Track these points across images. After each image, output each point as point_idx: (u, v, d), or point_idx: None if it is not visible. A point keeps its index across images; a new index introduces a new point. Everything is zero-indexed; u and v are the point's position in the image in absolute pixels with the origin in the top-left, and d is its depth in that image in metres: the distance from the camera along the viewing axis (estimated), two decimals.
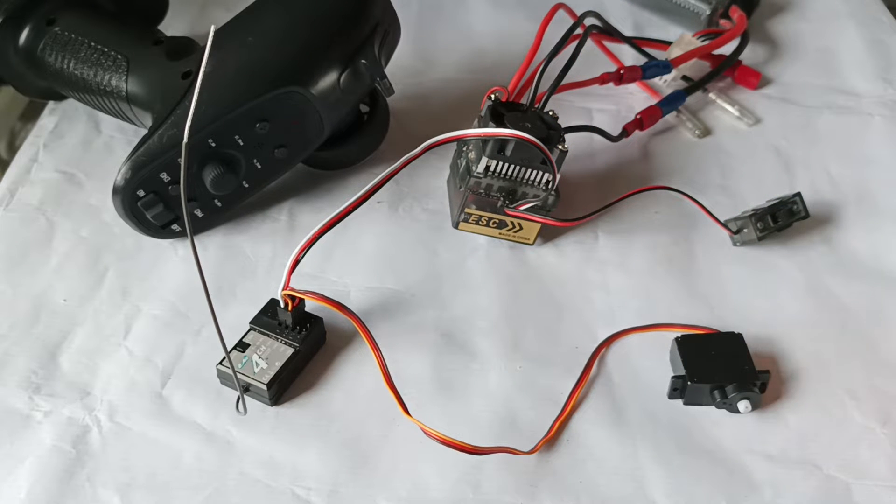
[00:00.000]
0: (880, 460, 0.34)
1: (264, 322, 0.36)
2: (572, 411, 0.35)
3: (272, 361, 0.35)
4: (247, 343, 0.36)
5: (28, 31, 0.44)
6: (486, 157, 0.37)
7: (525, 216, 0.39)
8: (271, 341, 0.36)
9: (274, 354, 0.35)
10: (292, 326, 0.36)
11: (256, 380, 0.34)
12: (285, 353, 0.35)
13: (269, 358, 0.35)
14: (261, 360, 0.35)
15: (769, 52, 0.54)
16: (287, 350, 0.35)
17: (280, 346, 0.35)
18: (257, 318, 0.36)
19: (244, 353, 0.35)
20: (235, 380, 0.32)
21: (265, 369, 0.34)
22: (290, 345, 0.35)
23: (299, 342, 0.35)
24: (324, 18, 0.41)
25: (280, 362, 0.35)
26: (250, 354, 0.35)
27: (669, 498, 0.32)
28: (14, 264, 0.42)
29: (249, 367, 0.35)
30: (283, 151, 0.41)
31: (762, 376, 0.35)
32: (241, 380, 0.34)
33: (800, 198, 0.41)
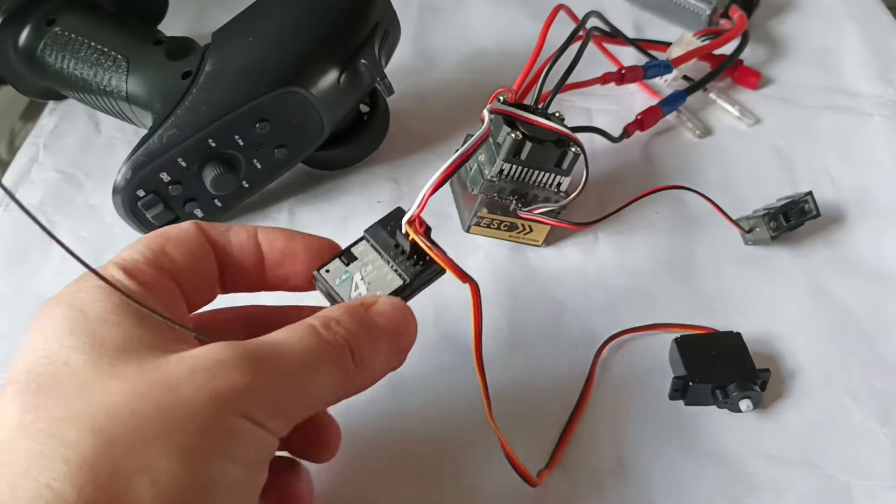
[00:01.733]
0: (880, 460, 0.34)
1: (381, 237, 0.30)
2: (572, 434, 0.35)
3: (374, 289, 0.29)
4: (354, 255, 0.29)
5: (28, 31, 0.44)
6: (500, 161, 0.37)
7: (539, 219, 0.39)
8: (381, 263, 0.29)
9: (378, 281, 0.29)
10: (409, 254, 0.29)
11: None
12: (392, 284, 0.29)
13: (371, 284, 0.29)
14: (362, 282, 0.29)
15: (769, 52, 0.54)
16: (395, 281, 0.29)
17: (389, 272, 0.29)
18: (374, 230, 0.30)
19: (348, 266, 0.29)
20: (329, 295, 0.29)
21: (363, 296, 0.29)
22: (400, 275, 0.29)
23: (412, 276, 0.29)
24: (324, 18, 0.41)
25: (382, 292, 0.29)
26: (353, 272, 0.29)
27: (670, 498, 0.32)
28: (14, 264, 0.42)
29: (347, 287, 0.29)
30: (283, 151, 0.41)
31: (763, 375, 0.35)
32: (337, 296, 0.29)
33: (811, 197, 0.41)
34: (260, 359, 0.23)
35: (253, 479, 0.22)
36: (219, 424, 0.21)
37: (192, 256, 0.27)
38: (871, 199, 0.45)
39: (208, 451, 0.21)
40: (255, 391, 0.22)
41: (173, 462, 0.20)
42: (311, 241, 0.29)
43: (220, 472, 0.21)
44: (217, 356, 0.22)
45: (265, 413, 0.22)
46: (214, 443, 0.21)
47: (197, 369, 0.22)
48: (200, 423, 0.21)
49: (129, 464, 0.20)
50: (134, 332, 0.23)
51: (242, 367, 0.22)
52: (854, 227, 0.43)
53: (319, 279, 0.29)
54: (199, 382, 0.21)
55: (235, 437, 0.21)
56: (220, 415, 0.21)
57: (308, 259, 0.29)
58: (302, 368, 0.23)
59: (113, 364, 0.22)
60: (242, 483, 0.22)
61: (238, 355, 0.22)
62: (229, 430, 0.21)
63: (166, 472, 0.20)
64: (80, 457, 0.19)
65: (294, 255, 0.29)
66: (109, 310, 0.23)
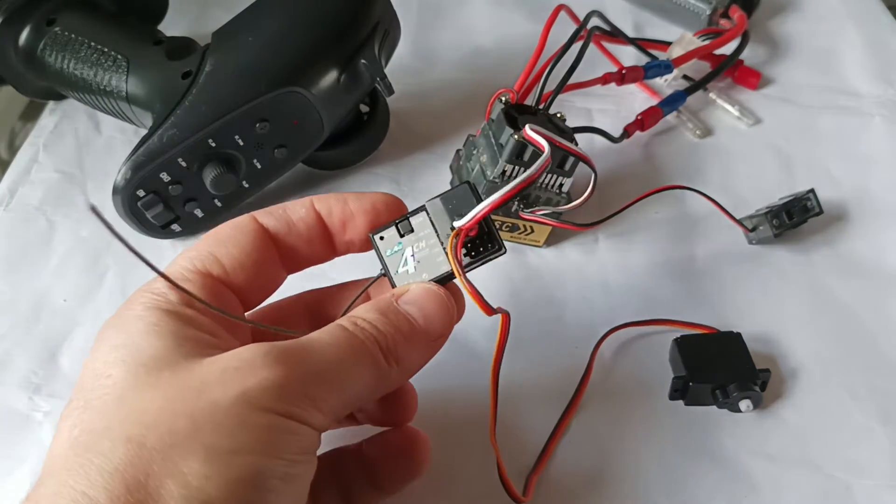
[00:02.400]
0: (880, 460, 0.34)
1: (440, 216, 0.28)
2: (564, 432, 0.35)
3: (421, 270, 0.28)
4: (411, 227, 0.28)
5: (28, 31, 0.44)
6: (503, 162, 0.37)
7: (541, 220, 0.39)
8: (435, 242, 0.28)
9: (428, 261, 0.28)
10: (465, 243, 0.28)
11: (395, 281, 0.28)
12: (440, 268, 0.28)
13: (420, 262, 0.28)
14: (412, 259, 0.28)
15: (769, 52, 0.54)
16: (444, 265, 0.28)
17: (440, 254, 0.28)
18: (435, 205, 0.28)
19: (402, 238, 0.28)
20: (380, 259, 0.28)
21: (409, 274, 0.28)
22: (450, 261, 0.27)
23: (463, 265, 0.28)
24: (324, 18, 0.41)
25: (429, 275, 0.28)
26: (406, 244, 0.28)
27: (670, 498, 0.32)
28: (14, 264, 0.42)
29: (396, 261, 0.28)
30: (283, 151, 0.41)
31: (763, 375, 0.35)
32: (385, 266, 0.28)
33: (813, 194, 0.41)
34: (289, 356, 0.23)
35: (295, 472, 0.22)
36: (249, 422, 0.21)
37: (244, 253, 0.27)
38: (871, 199, 0.45)
39: (238, 448, 0.21)
40: (285, 387, 0.22)
41: (201, 463, 0.20)
42: (365, 200, 0.29)
43: (253, 468, 0.21)
44: (247, 355, 0.23)
45: (298, 407, 0.22)
46: (245, 440, 0.21)
47: (227, 369, 0.22)
48: (227, 422, 0.21)
49: (160, 468, 0.20)
50: (173, 342, 0.23)
51: (272, 364, 0.22)
52: (855, 228, 0.43)
53: (375, 243, 0.28)
54: (228, 382, 0.22)
55: (268, 433, 0.22)
56: (247, 412, 0.21)
57: (367, 221, 0.29)
58: (331, 364, 0.24)
59: (149, 373, 0.22)
60: (282, 476, 0.22)
61: (268, 354, 0.23)
62: (259, 426, 0.21)
63: (196, 474, 0.20)
64: (113, 465, 0.20)
65: (352, 218, 0.29)
66: (152, 322, 0.24)
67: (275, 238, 0.28)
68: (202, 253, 0.27)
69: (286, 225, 0.28)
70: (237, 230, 0.28)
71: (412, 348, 0.26)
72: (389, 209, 0.29)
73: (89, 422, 0.22)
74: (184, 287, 0.24)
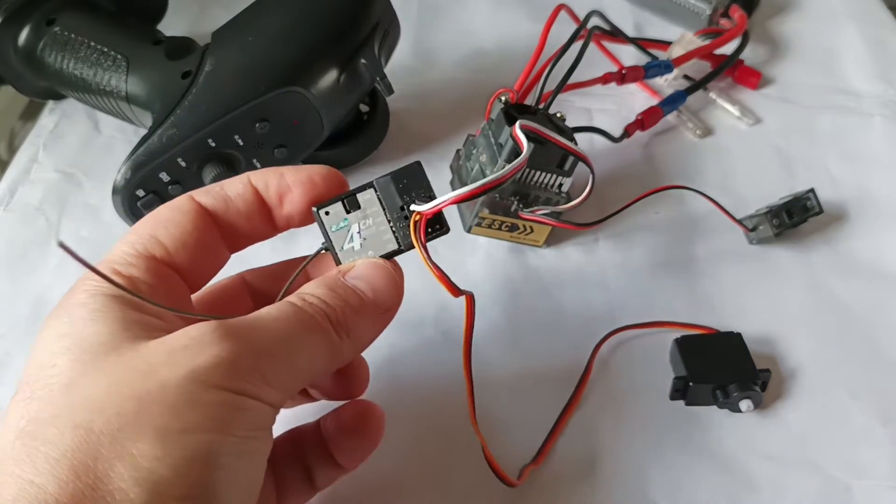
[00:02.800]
0: (880, 460, 0.34)
1: (389, 193, 0.28)
2: (563, 427, 0.35)
3: (367, 247, 0.28)
4: (358, 203, 0.28)
5: (28, 31, 0.44)
6: (502, 161, 0.37)
7: (540, 220, 0.39)
8: (382, 220, 0.28)
9: (375, 239, 0.28)
10: (413, 220, 0.28)
11: (339, 257, 0.28)
12: (386, 246, 0.28)
13: (366, 240, 0.28)
14: (357, 236, 0.28)
15: (770, 52, 0.54)
16: (390, 243, 0.28)
17: (387, 232, 0.28)
18: (384, 183, 0.28)
19: (349, 214, 0.28)
20: (324, 233, 0.28)
21: (354, 251, 0.28)
22: (397, 240, 0.28)
23: (408, 246, 0.28)
24: (324, 18, 0.40)
25: (374, 253, 0.28)
26: (352, 220, 0.28)
27: (669, 498, 0.32)
28: (14, 264, 0.42)
29: (341, 237, 0.28)
30: (283, 151, 0.41)
31: (763, 375, 0.35)
32: (329, 242, 0.28)
33: (813, 193, 0.41)
34: (239, 332, 0.23)
35: (249, 448, 0.22)
36: (199, 400, 0.21)
37: (185, 233, 0.27)
38: (871, 199, 0.45)
39: (189, 427, 0.21)
40: (235, 363, 0.22)
41: (151, 444, 0.20)
42: (302, 172, 0.28)
43: (205, 446, 0.21)
44: (195, 333, 0.22)
45: (250, 383, 0.22)
46: (195, 419, 0.21)
47: (175, 349, 0.22)
48: (176, 401, 0.21)
49: (108, 451, 0.20)
50: (118, 326, 0.23)
51: (220, 340, 0.22)
52: (855, 228, 0.43)
53: (318, 218, 0.28)
54: (176, 362, 0.22)
55: (219, 410, 0.21)
56: (197, 390, 0.21)
57: (304, 193, 0.28)
58: (281, 339, 0.24)
59: (95, 359, 0.22)
60: (235, 453, 0.22)
61: (216, 330, 0.22)
62: (209, 403, 0.21)
63: (146, 455, 0.20)
64: (60, 451, 0.20)
65: (289, 191, 0.28)
66: (95, 309, 0.24)
67: (214, 216, 0.28)
68: (142, 236, 0.26)
69: (224, 202, 0.28)
70: (176, 211, 0.27)
71: (362, 321, 0.26)
72: (327, 181, 0.28)
73: (36, 412, 0.22)
74: (116, 281, 0.24)
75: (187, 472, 0.20)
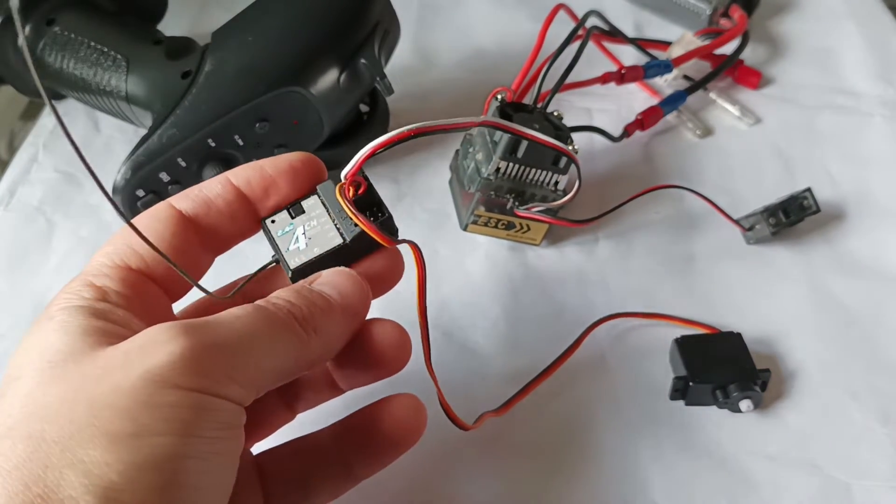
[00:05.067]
0: (880, 460, 0.34)
1: (331, 194, 0.29)
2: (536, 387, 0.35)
3: (312, 245, 0.28)
4: (303, 209, 0.29)
5: (28, 31, 0.44)
6: (497, 159, 0.37)
7: (536, 217, 0.39)
8: (326, 220, 0.29)
9: (319, 237, 0.28)
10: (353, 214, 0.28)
11: (286, 258, 0.28)
12: (331, 241, 0.28)
13: (311, 239, 0.28)
14: (303, 237, 0.28)
15: (770, 52, 0.54)
16: (335, 239, 0.28)
17: (332, 230, 0.28)
18: (326, 186, 0.29)
19: (294, 219, 0.29)
20: (272, 244, 0.28)
21: (300, 250, 0.28)
22: (341, 234, 0.28)
23: (352, 236, 0.28)
24: (324, 18, 0.40)
25: (320, 249, 0.28)
26: (297, 225, 0.29)
27: (669, 498, 0.32)
28: (14, 264, 0.42)
29: (287, 240, 0.28)
30: (283, 151, 0.41)
31: (763, 375, 0.35)
32: (276, 248, 0.29)
33: (810, 192, 0.41)
34: (196, 329, 0.22)
35: (214, 449, 0.21)
36: (154, 402, 0.20)
37: (163, 241, 0.26)
38: (871, 199, 0.45)
39: (142, 431, 0.20)
40: (193, 360, 0.21)
41: (102, 450, 0.20)
42: (282, 161, 0.28)
43: (161, 450, 0.20)
44: (151, 333, 0.22)
45: (210, 380, 0.21)
46: (149, 422, 0.20)
47: (130, 351, 0.22)
48: (131, 405, 0.20)
49: (58, 460, 0.20)
50: (79, 335, 0.23)
51: (176, 338, 0.21)
52: (854, 227, 0.43)
53: (265, 227, 0.29)
54: (130, 364, 0.21)
55: (177, 411, 0.21)
56: (154, 391, 0.21)
57: (288, 181, 0.28)
58: (244, 335, 0.23)
59: (53, 369, 0.22)
60: (199, 455, 0.21)
61: (171, 328, 0.22)
62: (167, 404, 0.21)
63: (96, 462, 0.20)
64: (12, 463, 0.20)
65: (273, 183, 0.28)
66: (62, 320, 0.23)
67: (195, 220, 0.27)
68: (119, 247, 0.26)
69: (204, 205, 0.27)
70: (153, 219, 0.27)
71: (330, 321, 0.25)
72: (307, 166, 0.28)
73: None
74: (155, 247, 0.24)
75: (140, 479, 0.20)
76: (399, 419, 0.28)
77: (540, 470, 0.33)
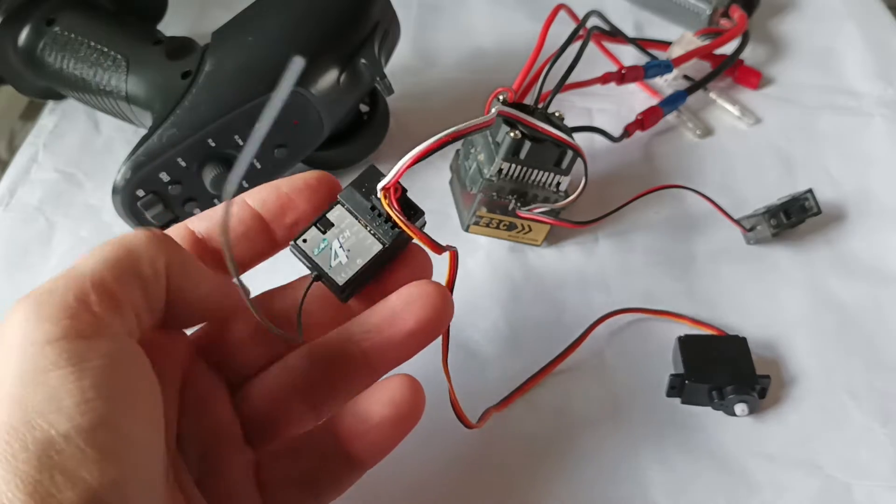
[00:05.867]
0: (880, 460, 0.34)
1: (356, 200, 0.28)
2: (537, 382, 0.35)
3: (353, 256, 0.28)
4: (331, 222, 0.28)
5: (28, 31, 0.44)
6: (499, 160, 0.37)
7: (538, 218, 0.39)
8: (358, 228, 0.28)
9: (358, 247, 0.28)
10: (387, 217, 0.28)
11: (331, 276, 0.28)
12: (371, 249, 0.28)
13: (351, 250, 0.28)
14: (341, 250, 0.28)
15: (770, 52, 0.54)
16: (374, 246, 0.28)
17: (368, 237, 0.28)
18: (348, 193, 0.29)
19: (325, 234, 0.28)
20: (310, 264, 0.28)
21: (342, 265, 0.28)
22: (379, 239, 0.28)
23: (391, 239, 0.28)
24: (323, 18, 0.40)
25: (363, 259, 0.28)
26: (331, 239, 0.28)
27: (669, 498, 0.32)
28: (14, 264, 0.42)
29: (326, 256, 0.28)
30: (283, 151, 0.41)
31: (762, 381, 0.35)
32: (317, 267, 0.28)
33: (811, 194, 0.41)
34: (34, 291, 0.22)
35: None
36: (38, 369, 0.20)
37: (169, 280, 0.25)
38: (871, 199, 0.45)
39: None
40: (36, 313, 0.22)
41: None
42: (297, 180, 0.28)
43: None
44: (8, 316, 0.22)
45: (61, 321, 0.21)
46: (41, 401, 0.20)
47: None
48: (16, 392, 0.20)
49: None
50: None
51: (17, 308, 0.22)
52: (854, 227, 0.43)
53: (297, 249, 0.28)
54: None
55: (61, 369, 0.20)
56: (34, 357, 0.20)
57: (305, 198, 0.28)
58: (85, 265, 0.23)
59: None
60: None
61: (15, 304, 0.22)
62: (45, 369, 0.20)
63: None
64: None
65: (289, 200, 0.28)
66: None
67: (206, 241, 0.28)
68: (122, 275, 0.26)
69: (217, 225, 0.28)
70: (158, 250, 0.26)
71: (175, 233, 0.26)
72: (322, 184, 0.29)
73: None
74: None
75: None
76: (397, 399, 0.27)
77: (540, 470, 0.33)
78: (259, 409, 0.28)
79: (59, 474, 0.19)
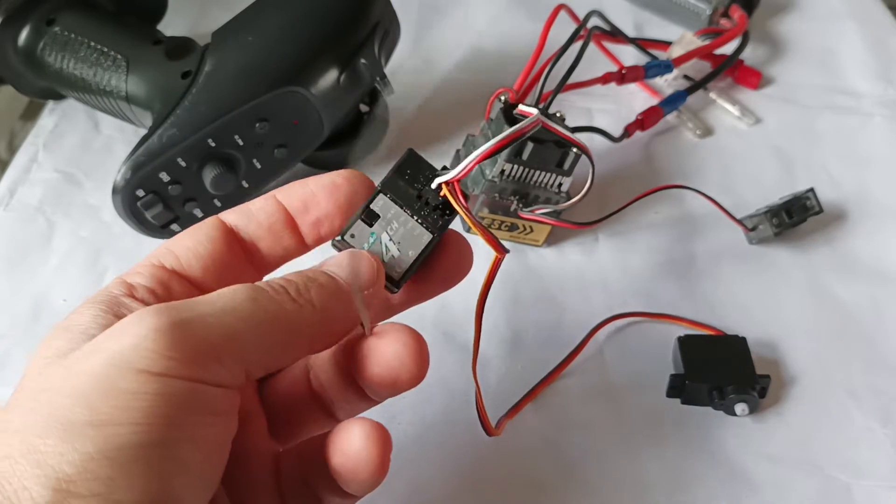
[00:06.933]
0: (880, 460, 0.34)
1: (400, 189, 0.27)
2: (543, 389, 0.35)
3: (405, 248, 0.26)
4: (376, 213, 0.26)
5: (28, 31, 0.44)
6: (502, 161, 0.37)
7: (540, 220, 0.39)
8: (405, 218, 0.26)
9: (408, 238, 0.26)
10: (434, 205, 0.27)
11: (386, 271, 0.26)
12: (421, 240, 0.26)
13: (401, 242, 0.26)
14: (391, 243, 0.26)
15: (770, 52, 0.54)
16: (424, 236, 0.26)
17: (416, 227, 0.27)
18: (391, 182, 0.27)
19: (371, 227, 0.26)
20: None
21: (395, 258, 0.26)
22: (428, 228, 0.27)
23: (439, 229, 0.27)
24: (324, 18, 0.40)
25: (415, 251, 0.26)
26: (379, 232, 0.26)
27: (670, 498, 0.32)
28: (14, 264, 0.42)
29: (377, 251, 0.26)
30: (283, 151, 0.41)
31: (762, 381, 0.35)
32: None
33: (813, 193, 0.41)
34: (170, 310, 0.21)
35: (190, 435, 0.20)
36: (115, 388, 0.19)
37: (199, 243, 0.26)
38: (871, 199, 0.45)
39: (97, 420, 0.19)
40: (160, 343, 0.20)
41: (58, 439, 0.19)
42: (324, 178, 0.28)
43: (116, 439, 0.19)
44: (127, 318, 0.21)
45: (183, 363, 0.20)
46: (107, 410, 0.19)
47: (101, 338, 0.21)
48: (89, 392, 0.19)
49: (17, 451, 0.19)
50: (81, 332, 0.22)
51: (143, 322, 0.20)
52: (855, 227, 0.43)
53: (344, 246, 0.26)
54: (98, 349, 0.20)
55: (141, 398, 0.19)
56: (118, 377, 0.19)
57: (328, 195, 0.27)
58: (225, 309, 0.22)
59: (47, 365, 0.21)
60: (170, 441, 0.20)
61: (145, 311, 0.21)
62: (128, 391, 0.19)
63: (52, 452, 0.19)
64: None
65: (313, 196, 0.27)
66: (71, 317, 0.23)
67: (237, 231, 0.27)
68: (160, 249, 0.26)
69: (245, 215, 0.27)
70: (196, 226, 0.27)
71: (327, 293, 0.24)
72: (349, 181, 0.28)
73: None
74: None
75: (93, 469, 0.19)
76: (394, 354, 0.26)
77: (540, 470, 0.33)
78: (281, 405, 0.28)
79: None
